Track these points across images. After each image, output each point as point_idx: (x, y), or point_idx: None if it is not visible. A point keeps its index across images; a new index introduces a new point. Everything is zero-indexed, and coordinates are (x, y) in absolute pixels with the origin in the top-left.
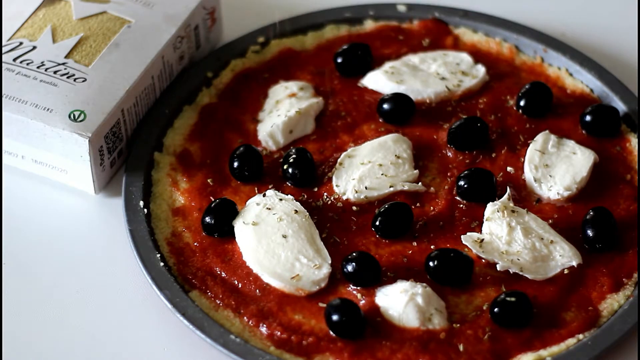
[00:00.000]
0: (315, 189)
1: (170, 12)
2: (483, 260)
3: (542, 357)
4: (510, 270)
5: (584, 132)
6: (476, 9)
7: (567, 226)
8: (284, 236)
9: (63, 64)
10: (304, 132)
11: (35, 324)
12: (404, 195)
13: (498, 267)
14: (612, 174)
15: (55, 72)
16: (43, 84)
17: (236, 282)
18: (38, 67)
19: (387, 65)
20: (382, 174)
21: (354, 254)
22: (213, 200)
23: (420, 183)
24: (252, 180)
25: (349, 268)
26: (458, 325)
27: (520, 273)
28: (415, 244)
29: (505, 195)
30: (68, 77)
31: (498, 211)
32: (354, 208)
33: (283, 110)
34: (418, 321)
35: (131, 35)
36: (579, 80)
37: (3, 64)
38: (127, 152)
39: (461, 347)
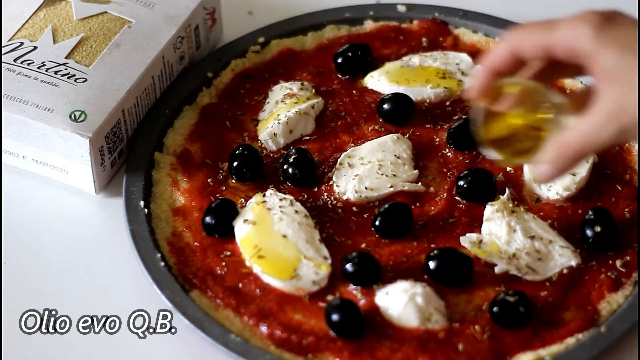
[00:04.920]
0: (315, 189)
1: (171, 12)
2: (482, 260)
3: (541, 357)
4: (509, 271)
5: None
6: (476, 9)
7: (567, 226)
8: (284, 236)
9: (64, 64)
10: (304, 132)
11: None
12: (404, 195)
13: (496, 270)
14: (611, 174)
15: (55, 73)
16: (44, 84)
17: (236, 282)
18: (39, 68)
19: (387, 66)
20: (382, 174)
21: (354, 254)
22: (213, 200)
23: (420, 183)
24: (252, 180)
25: (349, 268)
26: (457, 324)
27: (519, 275)
28: (415, 243)
29: (505, 195)
30: (69, 78)
31: (497, 211)
32: (354, 208)
33: (283, 110)
34: (418, 321)
35: (132, 35)
36: (578, 80)
37: (4, 64)
38: (127, 152)
39: (460, 347)
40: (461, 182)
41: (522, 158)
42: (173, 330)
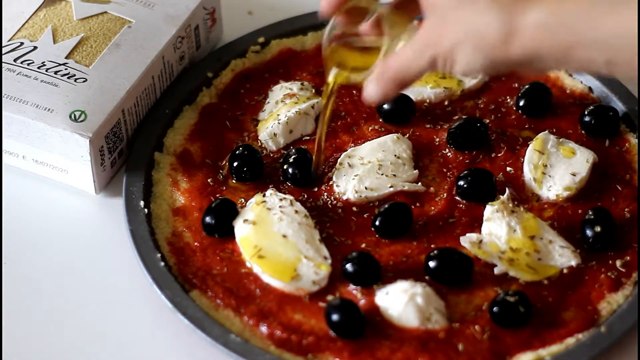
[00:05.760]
0: (315, 189)
1: (171, 12)
2: (482, 260)
3: (541, 357)
4: (508, 273)
5: (583, 132)
6: None
7: (567, 226)
8: (284, 236)
9: (64, 64)
10: (304, 132)
11: (35, 323)
12: (404, 195)
13: (496, 271)
14: (611, 174)
15: (56, 73)
16: (44, 84)
17: (236, 282)
18: (39, 68)
19: None
20: (382, 174)
21: (354, 254)
22: (213, 200)
23: (420, 183)
24: (252, 180)
25: (349, 268)
26: (457, 324)
27: (518, 277)
28: (415, 243)
29: (505, 195)
30: (69, 78)
31: (497, 211)
32: (354, 208)
33: (283, 110)
34: (418, 321)
35: (132, 35)
36: (579, 80)
37: (4, 64)
38: (127, 152)
39: (460, 347)
40: (461, 182)
41: (356, 75)
42: (172, 329)
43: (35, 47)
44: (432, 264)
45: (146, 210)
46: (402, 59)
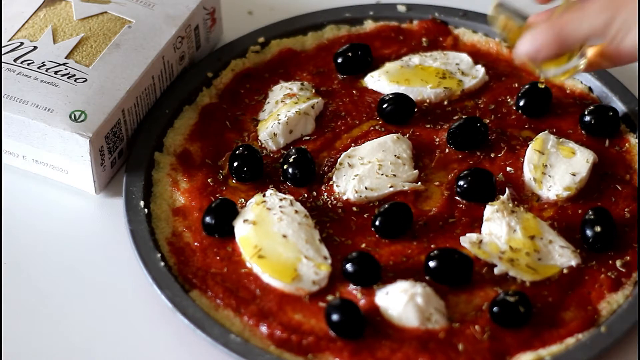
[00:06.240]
0: (315, 189)
1: (171, 12)
2: (482, 260)
3: (541, 357)
4: (508, 273)
5: (583, 132)
6: (476, 9)
7: (567, 226)
8: (284, 236)
9: (64, 64)
10: (304, 132)
11: (35, 324)
12: (404, 195)
13: (496, 271)
14: (611, 174)
15: (56, 73)
16: (44, 84)
17: (236, 282)
18: (39, 68)
19: (387, 66)
20: (382, 174)
21: (354, 254)
22: (213, 200)
23: (420, 183)
24: (252, 180)
25: (349, 268)
26: (457, 324)
27: (518, 277)
28: (415, 243)
29: (505, 195)
30: (69, 78)
31: (497, 211)
32: (354, 208)
33: (283, 110)
34: (418, 321)
35: (132, 35)
36: (579, 80)
37: (4, 64)
38: (127, 152)
39: (460, 347)
40: (461, 182)
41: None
42: (172, 329)
43: (35, 47)
44: (432, 264)
45: (146, 210)
46: (575, 14)
